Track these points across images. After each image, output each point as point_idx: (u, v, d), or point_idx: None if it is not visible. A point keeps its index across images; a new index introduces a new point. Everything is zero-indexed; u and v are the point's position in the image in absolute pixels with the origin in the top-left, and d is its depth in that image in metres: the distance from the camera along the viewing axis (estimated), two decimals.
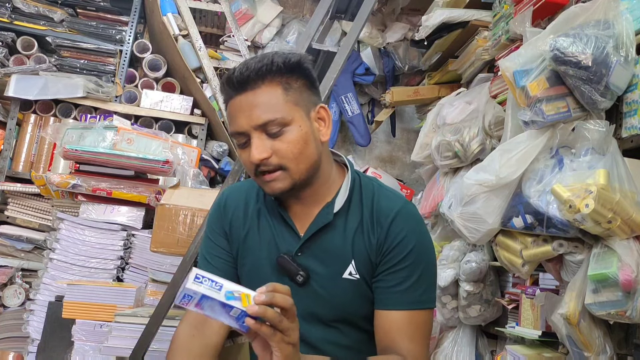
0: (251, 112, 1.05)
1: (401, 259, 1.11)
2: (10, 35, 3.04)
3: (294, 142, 1.06)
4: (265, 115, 1.05)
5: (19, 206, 2.84)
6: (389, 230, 1.12)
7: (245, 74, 1.06)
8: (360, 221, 1.14)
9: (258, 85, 1.06)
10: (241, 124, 1.06)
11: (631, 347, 1.58)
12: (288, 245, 1.15)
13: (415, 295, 1.10)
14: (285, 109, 1.06)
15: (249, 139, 1.07)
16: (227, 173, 2.66)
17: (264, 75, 1.06)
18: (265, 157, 1.05)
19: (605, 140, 1.57)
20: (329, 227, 1.13)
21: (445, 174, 2.52)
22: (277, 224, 1.17)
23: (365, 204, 1.15)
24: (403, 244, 1.11)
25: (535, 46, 1.69)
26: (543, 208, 1.60)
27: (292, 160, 1.06)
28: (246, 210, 1.22)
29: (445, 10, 2.63)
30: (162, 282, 2.17)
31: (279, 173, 1.07)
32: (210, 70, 3.14)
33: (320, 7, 1.98)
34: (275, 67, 1.06)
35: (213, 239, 1.24)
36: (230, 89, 1.08)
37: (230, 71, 1.09)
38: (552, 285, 1.94)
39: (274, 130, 1.05)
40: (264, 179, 1.08)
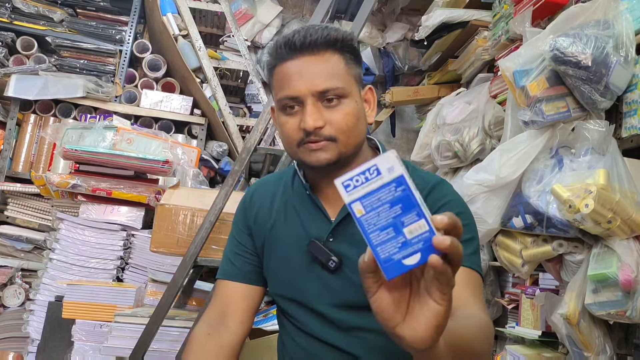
0: (312, 76, 1.02)
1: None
2: (10, 35, 3.04)
3: (350, 115, 1.03)
4: (328, 83, 1.02)
5: (18, 206, 2.84)
6: (427, 199, 1.06)
7: (311, 37, 1.02)
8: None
9: (322, 51, 1.03)
10: (298, 88, 1.02)
11: (631, 347, 1.58)
12: (319, 230, 1.11)
13: (470, 253, 1.03)
14: (346, 80, 1.04)
15: (300, 105, 1.03)
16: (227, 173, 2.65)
17: (329, 43, 1.03)
18: (319, 126, 1.02)
19: (605, 140, 1.57)
20: None
21: (445, 174, 2.52)
22: (306, 211, 1.14)
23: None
24: (449, 206, 1.05)
25: (535, 46, 1.69)
26: (543, 208, 1.60)
27: (344, 133, 1.03)
28: (272, 202, 1.19)
29: (445, 10, 2.63)
30: (161, 282, 2.17)
31: (327, 143, 1.03)
32: (210, 70, 3.14)
33: (320, 7, 1.98)
34: (341, 39, 1.04)
35: (237, 236, 1.22)
36: (288, 50, 1.04)
37: (289, 34, 1.05)
38: (552, 285, 1.94)
39: (332, 99, 1.03)
40: (310, 147, 1.04)
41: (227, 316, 1.16)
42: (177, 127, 3.27)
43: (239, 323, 1.16)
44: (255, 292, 1.19)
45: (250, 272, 1.19)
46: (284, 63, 1.05)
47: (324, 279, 1.10)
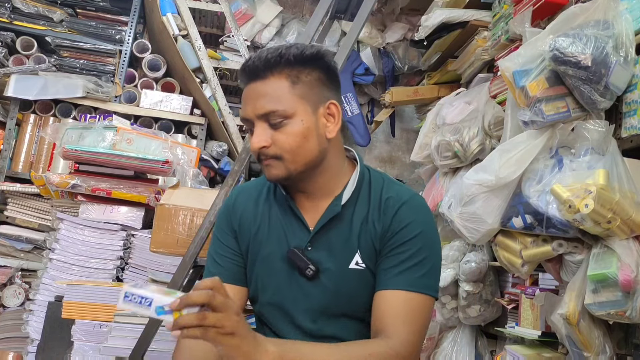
0: (256, 101, 1.09)
1: (403, 243, 1.11)
2: (9, 35, 3.04)
3: (294, 135, 1.09)
4: (268, 106, 1.08)
5: (18, 206, 2.84)
6: (394, 217, 1.12)
7: (256, 63, 1.10)
8: (367, 212, 1.15)
9: (267, 75, 1.09)
10: (247, 112, 1.11)
11: (631, 347, 1.58)
12: (298, 239, 1.16)
13: (413, 277, 1.08)
14: (289, 101, 1.08)
15: (253, 126, 1.11)
16: (227, 173, 2.66)
17: (272, 67, 1.09)
18: (263, 146, 1.09)
19: (604, 140, 1.57)
20: (337, 219, 1.15)
21: (445, 174, 2.52)
22: (287, 219, 1.18)
23: (374, 196, 1.16)
24: (407, 230, 1.11)
25: (535, 46, 1.69)
26: (543, 208, 1.60)
27: (288, 152, 1.09)
28: (256, 206, 1.23)
29: (445, 10, 2.63)
30: (161, 282, 2.17)
31: (273, 161, 1.11)
32: (209, 70, 3.14)
33: (320, 7, 1.98)
34: (284, 59, 1.09)
35: (221, 239, 1.25)
36: (243, 76, 1.13)
37: (246, 60, 1.13)
38: (552, 285, 1.94)
39: (276, 121, 1.08)
40: (263, 164, 1.13)
41: None
42: (177, 127, 3.27)
43: None
44: (242, 292, 1.22)
45: (236, 272, 1.22)
46: (244, 88, 1.14)
47: (301, 285, 1.15)
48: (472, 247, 2.28)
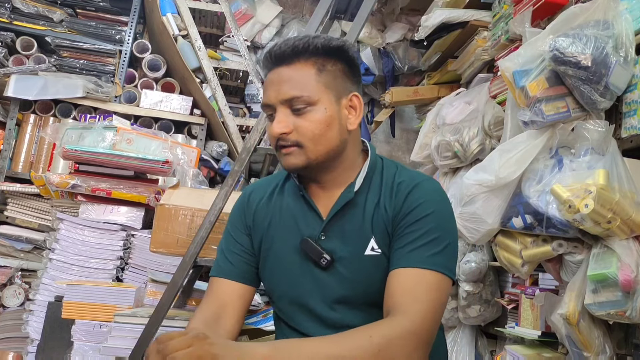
0: (280, 86, 1.09)
1: (415, 222, 1.08)
2: (9, 35, 3.04)
3: (316, 122, 1.08)
4: (293, 91, 1.08)
5: (18, 206, 2.84)
6: (406, 199, 1.10)
7: (283, 48, 1.10)
8: (379, 197, 1.13)
9: (293, 61, 1.10)
10: (269, 97, 1.10)
11: (631, 347, 1.58)
12: (311, 229, 1.15)
13: (426, 254, 1.04)
14: (314, 88, 1.09)
15: (275, 112, 1.10)
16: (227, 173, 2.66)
17: (299, 53, 1.10)
18: (285, 132, 1.08)
19: (604, 140, 1.57)
20: (349, 206, 1.14)
21: (445, 174, 2.52)
22: (300, 209, 1.18)
23: (385, 182, 1.15)
24: (419, 209, 1.08)
25: (535, 46, 1.69)
26: (543, 208, 1.60)
27: (310, 140, 1.08)
28: (269, 200, 1.23)
29: (445, 10, 2.63)
30: (161, 283, 2.16)
31: (295, 149, 1.09)
32: (209, 70, 3.14)
33: (320, 7, 1.98)
34: (312, 47, 1.09)
35: (234, 235, 1.24)
36: (268, 61, 1.13)
37: (272, 46, 1.13)
38: (552, 285, 1.94)
39: (299, 107, 1.08)
40: (282, 152, 1.11)
41: (223, 315, 1.17)
42: (177, 127, 3.27)
43: (235, 322, 1.17)
44: (250, 292, 1.22)
45: (246, 271, 1.21)
46: (268, 73, 1.13)
47: (316, 276, 1.13)
48: (472, 247, 2.29)
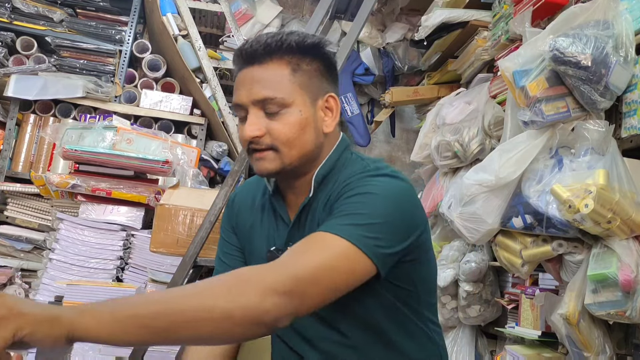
0: (252, 86, 1.02)
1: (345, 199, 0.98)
2: (9, 35, 3.04)
3: (290, 125, 1.01)
4: (266, 92, 1.01)
5: (18, 206, 2.84)
6: (345, 189, 1.00)
7: (254, 47, 1.03)
8: (328, 197, 1.05)
9: (266, 60, 1.02)
10: (241, 97, 1.03)
11: (631, 347, 1.59)
12: (281, 237, 1.11)
13: (340, 223, 0.93)
14: (288, 89, 1.02)
15: (247, 113, 1.03)
16: (227, 173, 2.65)
17: (272, 52, 1.02)
18: (257, 135, 1.01)
19: (604, 140, 1.58)
20: (307, 209, 1.07)
21: (445, 174, 2.52)
22: (274, 218, 1.14)
23: (340, 179, 1.05)
24: (353, 190, 0.99)
25: (535, 46, 1.69)
26: (542, 208, 1.60)
27: (285, 144, 1.02)
28: (252, 204, 1.19)
29: (445, 10, 2.63)
30: (161, 282, 2.17)
31: (269, 153, 1.02)
32: (209, 70, 3.14)
33: (320, 7, 1.98)
34: (286, 45, 1.02)
35: (225, 237, 1.23)
36: (239, 60, 1.05)
37: (243, 43, 1.06)
38: (552, 285, 1.94)
39: (273, 109, 1.01)
40: (254, 157, 1.04)
41: None
42: (177, 127, 3.27)
43: None
44: None
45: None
46: (239, 72, 1.06)
47: None
48: (472, 247, 2.29)
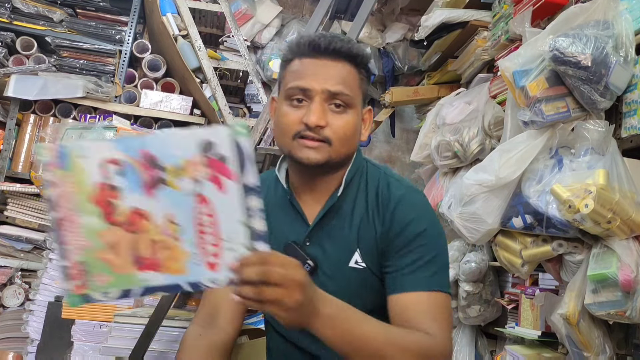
0: (327, 77, 1.06)
1: (409, 242, 1.07)
2: (9, 35, 3.04)
3: (349, 124, 1.07)
4: (341, 87, 1.06)
5: (18, 206, 2.84)
6: (394, 217, 1.09)
7: (335, 45, 1.07)
8: (366, 209, 1.12)
9: (338, 59, 1.07)
10: (312, 82, 1.05)
11: (631, 347, 1.59)
12: (297, 234, 1.13)
13: (426, 276, 1.05)
14: (355, 92, 1.08)
15: (308, 100, 1.06)
16: None
17: (350, 56, 1.08)
18: (321, 124, 1.04)
19: (604, 140, 1.57)
20: (335, 212, 1.12)
21: (445, 174, 2.52)
22: (287, 214, 1.16)
23: (370, 190, 1.14)
24: (410, 228, 1.08)
25: (535, 46, 1.69)
26: (542, 208, 1.60)
27: (340, 140, 1.06)
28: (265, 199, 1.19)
29: (445, 10, 2.63)
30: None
31: (322, 144, 1.06)
32: (209, 70, 3.14)
33: (320, 7, 1.98)
34: (361, 55, 1.10)
35: None
36: (311, 50, 1.07)
37: (314, 35, 1.09)
38: (552, 285, 1.94)
39: (339, 105, 1.06)
40: (305, 143, 1.06)
41: (216, 315, 1.17)
42: (177, 127, 3.27)
43: (229, 321, 1.17)
44: None
45: None
46: (303, 59, 1.08)
47: None
48: (472, 247, 2.29)
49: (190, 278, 0.71)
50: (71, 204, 0.69)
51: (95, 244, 0.69)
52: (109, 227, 0.70)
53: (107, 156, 0.70)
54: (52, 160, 0.69)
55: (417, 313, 1.01)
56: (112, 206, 0.70)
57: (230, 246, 0.72)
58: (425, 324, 0.99)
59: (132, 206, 0.70)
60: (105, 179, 0.70)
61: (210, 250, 0.71)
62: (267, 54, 3.53)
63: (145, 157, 0.70)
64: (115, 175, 0.70)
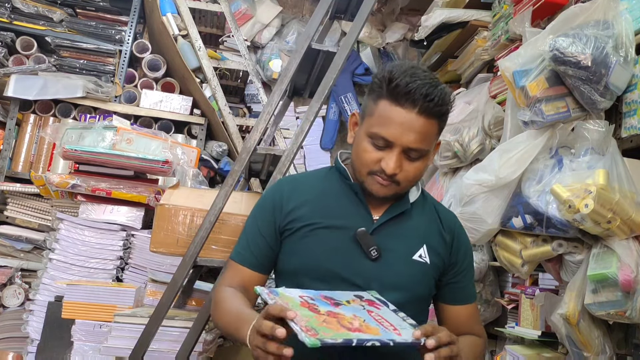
0: (411, 133, 1.13)
1: (467, 264, 1.31)
2: (9, 35, 3.04)
3: (420, 169, 1.19)
4: (419, 144, 1.15)
5: (18, 206, 2.84)
6: (460, 238, 1.30)
7: (429, 104, 1.12)
8: (431, 215, 1.29)
9: (427, 116, 1.13)
10: (395, 136, 1.13)
11: (630, 347, 1.59)
12: (361, 224, 1.21)
13: (473, 291, 1.34)
14: (431, 144, 1.18)
15: (389, 147, 1.15)
16: (227, 173, 2.65)
17: (440, 115, 1.16)
18: (396, 173, 1.16)
19: (604, 140, 1.57)
20: (403, 215, 1.24)
21: (445, 174, 2.52)
22: (350, 203, 1.24)
23: (428, 205, 1.31)
24: (468, 253, 1.32)
25: (535, 46, 1.69)
26: (542, 208, 1.60)
27: (409, 181, 1.19)
28: (309, 190, 1.27)
29: (445, 10, 2.63)
30: (161, 283, 2.17)
31: (392, 184, 1.17)
32: (209, 70, 3.14)
33: (320, 7, 1.98)
34: (448, 111, 1.19)
35: (260, 226, 1.26)
36: (405, 99, 1.13)
37: (412, 82, 1.12)
38: (552, 285, 1.94)
39: (415, 156, 1.16)
40: (378, 181, 1.17)
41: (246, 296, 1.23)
42: (177, 127, 3.27)
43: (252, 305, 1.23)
44: (264, 281, 1.28)
45: (266, 264, 1.26)
46: (393, 105, 1.14)
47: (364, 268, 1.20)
48: (472, 247, 2.28)
49: (383, 338, 0.95)
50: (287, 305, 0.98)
51: (314, 321, 0.95)
52: (319, 315, 0.98)
53: (301, 294, 1.05)
54: (267, 296, 1.01)
55: (468, 320, 1.30)
56: (315, 309, 1.00)
57: (402, 326, 1.03)
58: (474, 328, 1.31)
59: (328, 311, 1.01)
60: (304, 301, 1.02)
61: (390, 328, 1.01)
62: (267, 54, 3.53)
63: (326, 297, 1.07)
64: (309, 300, 1.04)
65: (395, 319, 1.05)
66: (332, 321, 0.97)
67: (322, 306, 1.02)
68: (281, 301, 0.99)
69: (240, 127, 3.23)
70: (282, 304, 0.97)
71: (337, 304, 1.04)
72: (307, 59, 1.96)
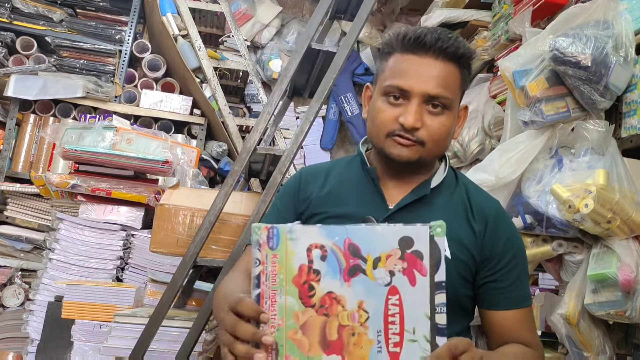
0: (429, 78, 1.03)
1: (510, 260, 1.11)
2: (9, 35, 3.04)
3: (445, 126, 1.06)
4: (442, 91, 1.04)
5: (18, 206, 2.84)
6: (498, 228, 1.11)
7: (442, 44, 1.04)
8: (459, 206, 1.12)
9: (442, 58, 1.04)
10: (412, 83, 1.04)
11: (630, 347, 1.58)
12: (375, 213, 1.10)
13: (523, 292, 1.12)
14: (455, 94, 1.07)
15: (406, 99, 1.05)
16: (227, 173, 2.65)
17: (456, 57, 1.06)
18: (418, 127, 1.04)
19: (604, 140, 1.57)
20: (423, 202, 1.11)
21: None
22: (365, 191, 1.14)
23: (461, 189, 1.15)
24: (508, 246, 1.11)
25: (535, 46, 1.69)
26: (542, 208, 1.60)
27: (434, 141, 1.06)
28: (327, 177, 1.19)
29: (445, 10, 2.63)
30: (161, 283, 2.17)
31: (416, 144, 1.05)
32: (209, 70, 3.14)
33: (320, 7, 1.98)
34: (467, 55, 1.07)
35: (283, 211, 1.20)
36: (416, 45, 1.05)
37: (421, 30, 1.05)
38: (552, 285, 1.94)
39: (437, 106, 1.05)
40: (398, 142, 1.05)
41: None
42: (177, 127, 3.27)
43: None
44: None
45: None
46: (405, 54, 1.06)
47: None
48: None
49: None
50: (273, 283, 0.77)
51: (289, 324, 0.76)
52: (304, 309, 0.77)
53: (315, 241, 0.77)
54: (265, 239, 0.77)
55: (517, 327, 1.10)
56: (310, 288, 0.77)
57: (412, 337, 0.77)
58: (525, 337, 1.09)
59: (329, 290, 0.77)
60: (309, 262, 0.77)
61: (393, 339, 0.77)
62: (267, 53, 3.53)
63: (349, 246, 0.77)
64: (319, 259, 0.77)
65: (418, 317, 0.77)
66: (313, 325, 0.77)
67: (327, 278, 0.77)
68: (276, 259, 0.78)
69: (240, 127, 3.23)
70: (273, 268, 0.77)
71: (354, 270, 0.77)
72: (307, 59, 1.97)
